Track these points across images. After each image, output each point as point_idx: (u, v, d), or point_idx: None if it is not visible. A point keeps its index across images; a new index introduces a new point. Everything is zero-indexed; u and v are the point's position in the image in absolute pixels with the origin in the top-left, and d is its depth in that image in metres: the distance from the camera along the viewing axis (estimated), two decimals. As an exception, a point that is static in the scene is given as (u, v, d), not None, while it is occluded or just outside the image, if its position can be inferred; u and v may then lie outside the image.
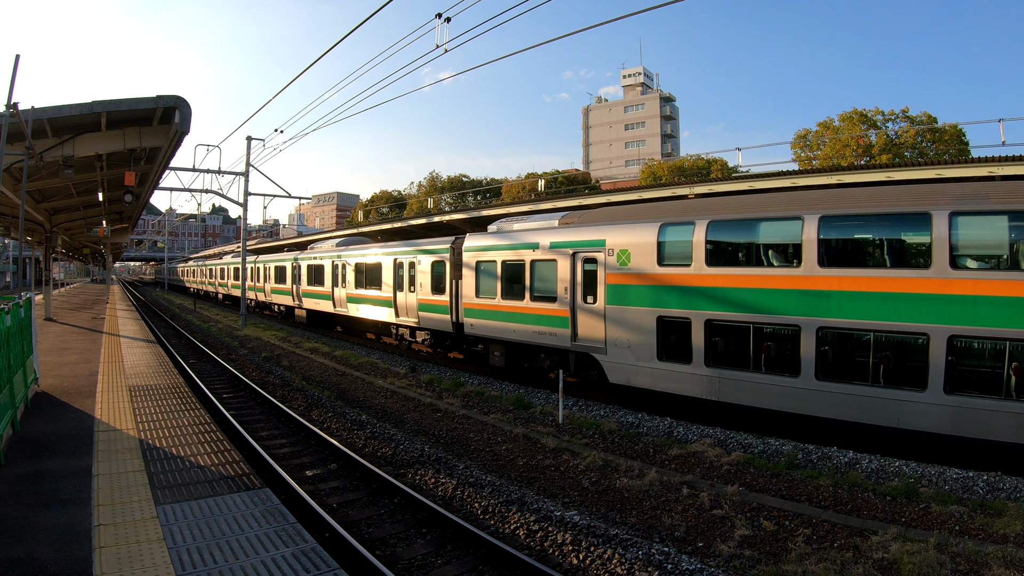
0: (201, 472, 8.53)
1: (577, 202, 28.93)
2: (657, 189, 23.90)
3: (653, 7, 12.27)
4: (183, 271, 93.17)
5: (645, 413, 15.52)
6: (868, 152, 55.23)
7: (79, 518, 6.84)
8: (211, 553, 6.11)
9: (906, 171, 18.24)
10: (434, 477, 11.13)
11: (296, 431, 14.21)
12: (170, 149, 17.18)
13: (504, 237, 19.97)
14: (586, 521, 9.04)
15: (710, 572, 7.55)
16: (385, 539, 8.76)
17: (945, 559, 7.79)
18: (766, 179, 20.64)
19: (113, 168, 19.20)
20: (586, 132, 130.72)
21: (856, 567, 7.68)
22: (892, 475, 11.06)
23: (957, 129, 53.85)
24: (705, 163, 75.47)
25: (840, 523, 9.16)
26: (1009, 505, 9.51)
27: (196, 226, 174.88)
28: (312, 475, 11.37)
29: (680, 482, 10.72)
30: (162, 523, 6.75)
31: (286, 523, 6.89)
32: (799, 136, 64.02)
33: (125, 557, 5.94)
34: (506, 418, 15.31)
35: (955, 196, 11.82)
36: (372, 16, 14.74)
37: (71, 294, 60.68)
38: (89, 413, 11.53)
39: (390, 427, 14.51)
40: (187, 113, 14.83)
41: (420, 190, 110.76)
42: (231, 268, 53.31)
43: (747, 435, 13.47)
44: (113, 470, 8.43)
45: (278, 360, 24.72)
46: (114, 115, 14.89)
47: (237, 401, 17.26)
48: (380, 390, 18.78)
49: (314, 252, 36.07)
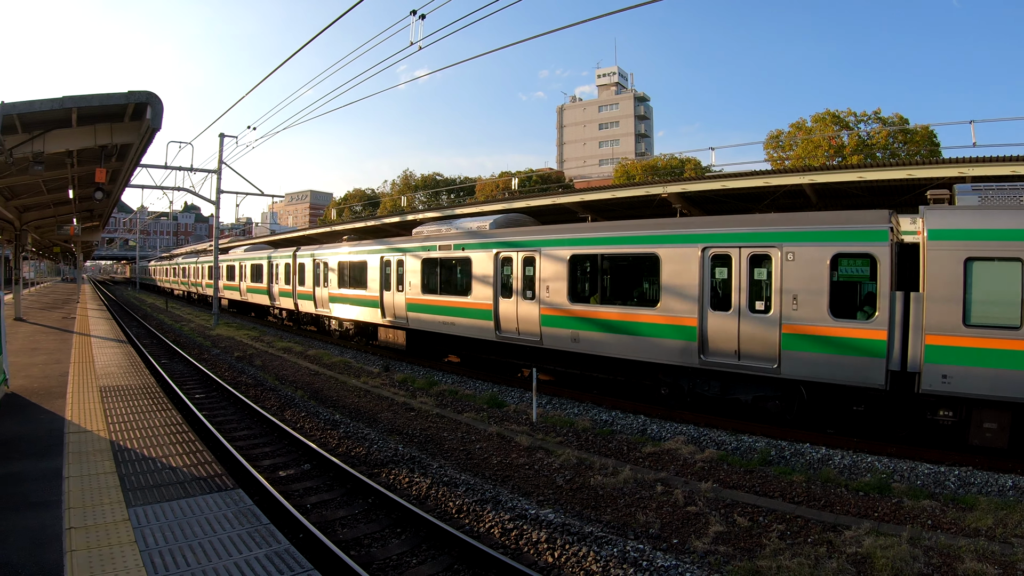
0: (173, 473, 8.44)
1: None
2: (630, 188, 23.89)
3: (629, 7, 12.29)
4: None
5: (619, 411, 15.60)
6: (840, 153, 55.78)
7: (50, 521, 6.74)
8: (183, 555, 6.05)
9: (878, 171, 18.41)
10: (408, 476, 11.10)
11: (269, 431, 14.11)
12: (142, 146, 16.93)
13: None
14: (561, 519, 9.06)
15: (685, 568, 7.59)
16: (360, 539, 8.72)
17: (918, 553, 7.92)
18: (739, 179, 20.73)
19: (84, 165, 18.91)
20: (560, 131, 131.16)
21: (830, 562, 7.77)
22: (864, 471, 11.21)
23: (929, 130, 54.58)
24: (679, 162, 75.87)
25: (814, 518, 9.27)
26: (981, 499, 9.69)
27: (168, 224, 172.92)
28: (285, 475, 11.30)
29: (654, 479, 10.79)
30: (134, 525, 6.67)
31: (259, 524, 6.84)
32: (772, 136, 64.50)
33: (97, 560, 5.87)
34: (480, 417, 15.30)
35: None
36: (347, 13, 14.65)
37: (42, 293, 59.77)
38: (59, 414, 11.36)
39: (364, 426, 14.45)
40: (159, 109, 14.63)
41: (394, 189, 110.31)
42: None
43: (721, 432, 13.58)
44: (84, 472, 8.32)
45: (251, 360, 24.53)
46: (85, 110, 14.65)
47: (209, 401, 17.10)
48: (353, 389, 18.70)
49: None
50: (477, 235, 20.39)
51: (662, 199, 22.70)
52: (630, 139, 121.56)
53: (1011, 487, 10.30)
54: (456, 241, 21.08)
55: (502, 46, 31.04)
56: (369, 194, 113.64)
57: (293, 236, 51.74)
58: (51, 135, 15.43)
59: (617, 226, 16.79)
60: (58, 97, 13.67)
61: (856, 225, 12.39)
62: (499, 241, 19.33)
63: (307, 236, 48.34)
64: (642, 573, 7.48)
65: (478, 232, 20.62)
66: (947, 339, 11.38)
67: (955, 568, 7.60)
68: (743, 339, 13.52)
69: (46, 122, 14.98)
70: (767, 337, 13.13)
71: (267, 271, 37.44)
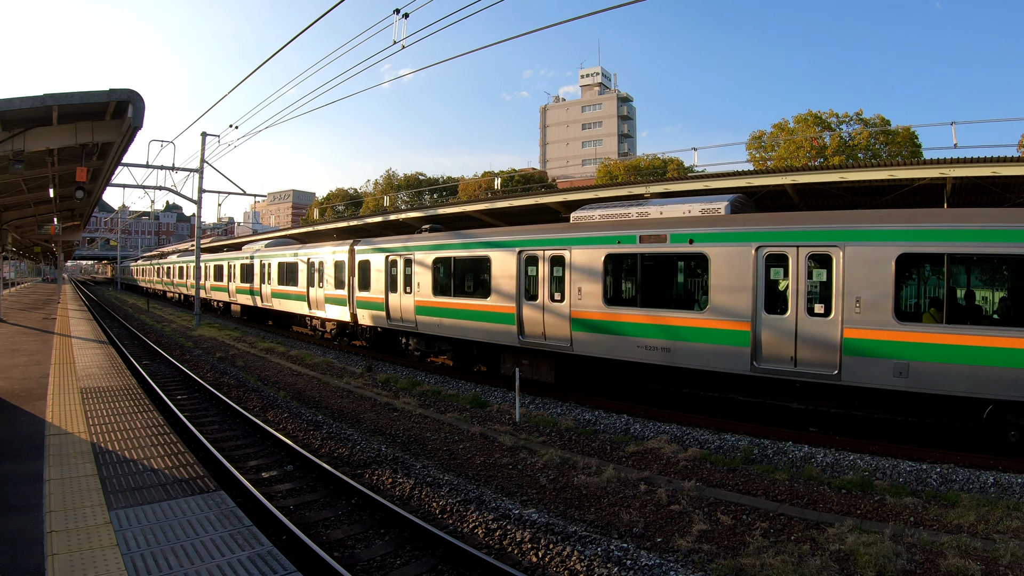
0: (155, 475, 8.38)
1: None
2: (613, 188, 23.97)
3: (612, 7, 12.34)
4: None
5: (602, 411, 15.63)
6: (822, 153, 56.11)
7: (30, 524, 6.68)
8: (165, 558, 6.01)
9: (859, 172, 18.57)
10: (392, 477, 11.08)
11: (251, 432, 14.03)
12: (123, 144, 16.82)
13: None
14: (544, 519, 9.07)
15: (669, 567, 7.62)
16: (343, 540, 8.70)
17: (901, 549, 7.99)
18: (721, 179, 20.85)
19: (65, 164, 18.75)
20: (543, 131, 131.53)
21: (813, 559, 7.83)
22: (847, 468, 11.29)
23: (910, 132, 54.98)
24: (661, 163, 76.11)
25: (797, 516, 9.33)
26: (962, 496, 9.79)
27: (149, 224, 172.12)
28: (268, 477, 11.24)
29: (638, 478, 10.82)
30: (115, 528, 6.62)
31: (241, 526, 6.80)
32: (754, 137, 64.75)
33: (78, 564, 5.82)
34: (463, 417, 15.30)
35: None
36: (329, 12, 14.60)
37: (22, 294, 59.21)
38: (40, 416, 11.25)
39: (347, 427, 14.40)
40: (140, 107, 14.53)
41: (376, 188, 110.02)
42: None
43: (703, 431, 13.65)
44: (65, 475, 8.24)
45: (233, 360, 24.38)
46: (66, 108, 14.53)
47: (191, 403, 16.98)
48: (336, 390, 18.64)
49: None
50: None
51: (645, 199, 22.76)
52: (613, 139, 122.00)
53: (992, 484, 10.42)
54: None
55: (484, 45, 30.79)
56: (352, 194, 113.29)
57: (340, 227, 41.78)
58: (31, 133, 15.29)
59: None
60: (39, 95, 13.55)
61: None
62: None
63: (353, 227, 39.99)
64: (626, 572, 7.50)
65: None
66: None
67: (938, 564, 7.67)
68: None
69: (26, 120, 14.84)
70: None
71: (305, 272, 30.82)
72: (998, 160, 16.42)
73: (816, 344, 12.78)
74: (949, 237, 11.74)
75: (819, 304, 12.90)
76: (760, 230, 13.78)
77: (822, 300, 12.89)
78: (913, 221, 12.32)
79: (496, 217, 29.11)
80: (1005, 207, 17.63)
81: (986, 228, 11.52)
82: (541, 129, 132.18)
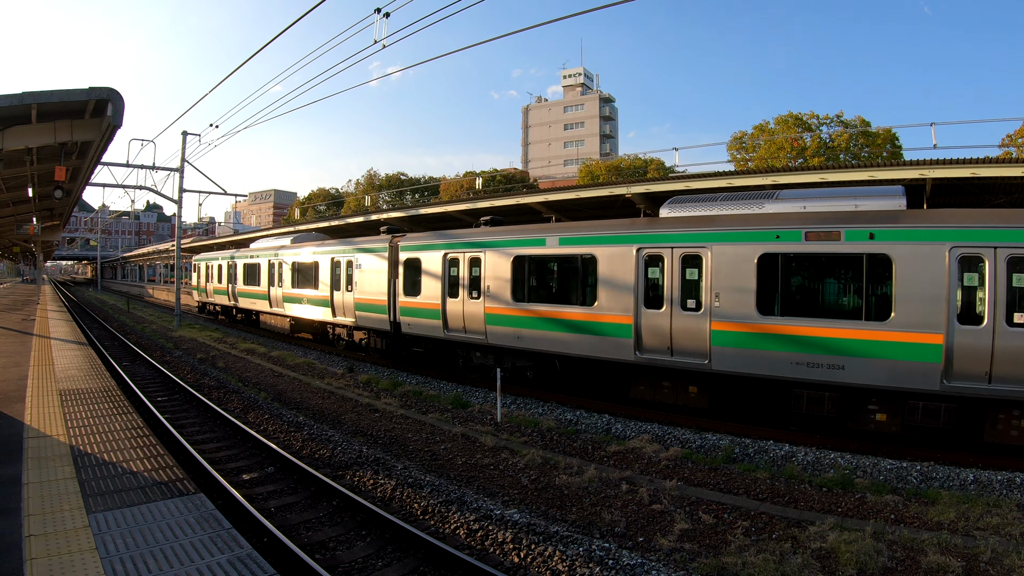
0: (134, 478, 8.31)
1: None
2: (595, 188, 24.01)
3: (599, 7, 12.38)
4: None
5: (583, 411, 15.67)
6: (802, 154, 56.55)
7: (9, 529, 6.60)
8: (144, 562, 5.97)
9: (840, 172, 18.72)
10: (373, 478, 11.04)
11: (232, 434, 13.94)
12: (102, 143, 16.73)
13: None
14: (526, 519, 9.08)
15: (651, 566, 7.65)
16: (324, 542, 8.66)
17: (882, 547, 8.07)
18: (702, 179, 20.94)
19: (44, 163, 18.63)
20: (525, 131, 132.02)
21: (795, 557, 7.89)
22: (828, 467, 11.39)
23: (890, 133, 55.56)
24: (642, 163, 76.44)
25: (778, 515, 9.40)
26: (943, 493, 9.91)
27: (130, 224, 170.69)
28: (249, 479, 11.18)
29: (619, 478, 10.86)
30: (94, 532, 6.56)
31: (221, 529, 6.76)
32: (735, 138, 65.26)
33: (57, 568, 5.76)
34: (444, 417, 15.29)
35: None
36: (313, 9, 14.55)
37: (0, 295, 58.56)
38: (18, 419, 11.13)
39: (328, 428, 14.35)
40: (120, 106, 14.45)
41: (358, 188, 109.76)
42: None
43: (685, 430, 13.71)
44: (44, 478, 8.16)
45: (214, 362, 24.24)
46: (45, 107, 14.44)
47: (172, 404, 16.85)
48: (317, 391, 18.59)
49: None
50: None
51: (626, 199, 22.86)
52: (595, 139, 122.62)
53: (972, 481, 10.55)
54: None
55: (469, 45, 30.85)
56: (333, 193, 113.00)
57: (371, 219, 35.78)
58: (10, 132, 15.20)
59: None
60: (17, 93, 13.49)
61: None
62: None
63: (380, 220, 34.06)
64: (608, 572, 7.51)
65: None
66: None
67: (919, 561, 7.75)
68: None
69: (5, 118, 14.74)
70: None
71: (329, 272, 25.86)
72: (978, 161, 16.61)
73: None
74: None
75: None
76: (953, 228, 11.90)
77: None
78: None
79: (476, 217, 28.94)
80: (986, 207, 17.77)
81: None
82: (523, 129, 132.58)
